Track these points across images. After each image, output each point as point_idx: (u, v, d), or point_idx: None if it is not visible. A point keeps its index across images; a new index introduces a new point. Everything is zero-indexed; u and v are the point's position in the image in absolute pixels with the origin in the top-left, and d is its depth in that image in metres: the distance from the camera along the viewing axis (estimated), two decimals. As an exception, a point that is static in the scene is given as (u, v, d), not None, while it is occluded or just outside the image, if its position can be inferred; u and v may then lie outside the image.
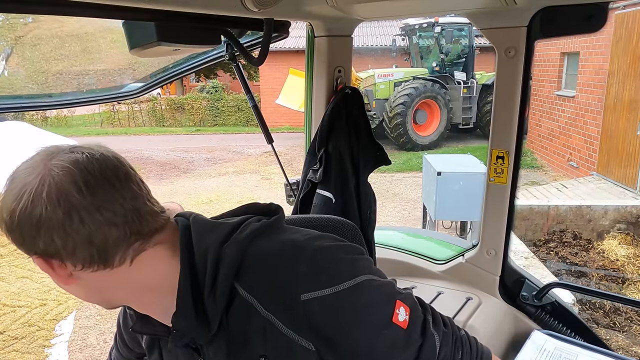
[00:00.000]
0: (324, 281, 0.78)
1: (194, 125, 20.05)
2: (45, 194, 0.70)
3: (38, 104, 1.71)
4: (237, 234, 0.82)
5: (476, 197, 1.80)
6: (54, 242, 0.72)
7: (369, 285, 0.82)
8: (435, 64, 13.98)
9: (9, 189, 0.73)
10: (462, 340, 0.94)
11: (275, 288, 0.78)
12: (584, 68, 9.59)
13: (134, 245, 0.77)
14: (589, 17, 1.35)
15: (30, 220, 0.71)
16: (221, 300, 0.78)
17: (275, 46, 12.11)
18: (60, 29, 1.84)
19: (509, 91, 1.55)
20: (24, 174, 0.73)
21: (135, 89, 1.72)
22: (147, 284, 0.80)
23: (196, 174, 11.80)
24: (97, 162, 0.74)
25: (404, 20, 14.17)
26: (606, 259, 5.96)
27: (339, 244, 0.86)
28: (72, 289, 0.80)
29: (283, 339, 0.78)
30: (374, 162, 1.85)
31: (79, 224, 0.71)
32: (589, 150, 9.32)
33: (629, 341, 4.47)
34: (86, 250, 0.73)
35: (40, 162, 0.74)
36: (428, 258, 2.01)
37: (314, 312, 0.77)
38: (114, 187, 0.74)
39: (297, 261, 0.80)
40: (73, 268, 0.75)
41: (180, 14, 1.17)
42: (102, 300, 0.84)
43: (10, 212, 0.72)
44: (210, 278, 0.78)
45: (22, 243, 0.74)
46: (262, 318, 0.78)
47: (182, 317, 0.79)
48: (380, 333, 0.80)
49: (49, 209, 0.70)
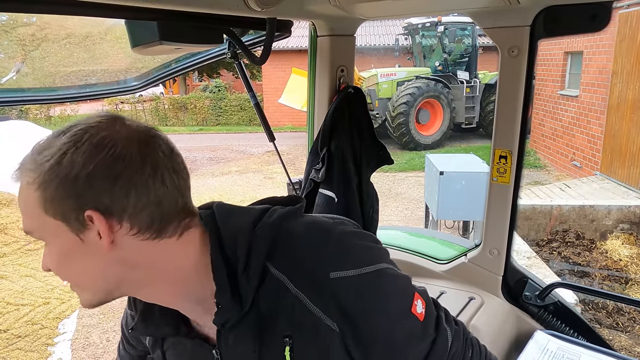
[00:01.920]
0: (350, 263, 0.80)
1: (196, 124, 20.09)
2: (136, 148, 0.71)
3: (40, 98, 1.72)
4: (267, 218, 0.84)
5: (479, 196, 1.80)
6: (126, 198, 0.70)
7: (389, 274, 0.84)
8: (438, 63, 13.96)
9: (79, 136, 0.70)
10: (473, 341, 0.97)
11: (305, 266, 0.80)
12: (588, 67, 9.57)
13: (185, 220, 0.78)
14: (593, 16, 1.34)
15: (110, 171, 0.69)
16: (254, 279, 0.79)
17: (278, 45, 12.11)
18: (68, 40, 1.87)
19: (512, 90, 1.54)
20: (103, 127, 0.72)
21: (137, 83, 1.73)
22: (183, 263, 0.80)
23: (199, 173, 11.82)
24: (166, 137, 0.78)
25: (407, 20, 14.16)
26: (609, 259, 5.94)
27: (360, 231, 0.89)
28: (97, 261, 0.74)
29: (310, 317, 0.79)
30: (376, 161, 1.85)
31: (161, 183, 0.72)
32: (592, 150, 9.30)
33: (632, 341, 4.46)
34: (152, 213, 0.73)
35: (114, 121, 0.74)
36: (430, 258, 2.01)
37: (340, 290, 0.79)
38: (181, 160, 0.78)
39: (325, 242, 0.82)
40: (126, 231, 0.72)
41: (182, 14, 1.17)
42: (119, 281, 0.78)
43: (85, 159, 0.68)
44: (244, 258, 0.79)
45: (79, 195, 0.69)
46: (291, 295, 0.80)
47: (222, 294, 0.79)
48: (399, 322, 0.82)
49: (138, 163, 0.70)
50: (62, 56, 1.97)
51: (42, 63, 2.01)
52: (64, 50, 1.94)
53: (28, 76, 2.06)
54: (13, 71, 2.00)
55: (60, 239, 0.73)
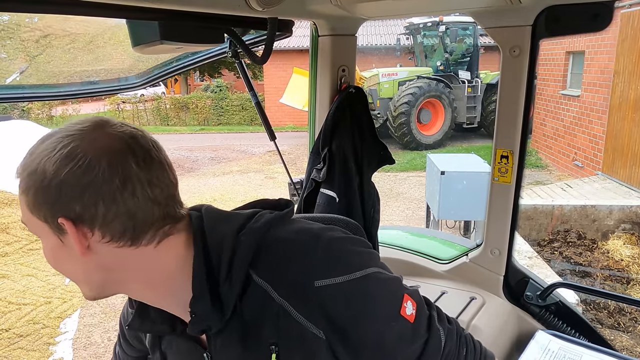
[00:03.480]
0: (337, 270, 0.80)
1: (198, 124, 20.09)
2: (106, 161, 0.71)
3: (41, 95, 1.72)
4: (252, 223, 0.83)
5: (480, 196, 1.79)
6: (94, 208, 0.71)
7: (377, 277, 0.83)
8: (440, 63, 13.94)
9: (55, 145, 0.72)
10: (467, 339, 0.95)
11: (290, 274, 0.79)
12: (589, 67, 9.55)
13: (164, 228, 0.78)
14: (595, 16, 1.34)
15: (78, 181, 0.70)
16: (236, 286, 0.79)
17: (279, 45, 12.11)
18: (72, 45, 1.88)
19: (513, 90, 1.54)
20: (78, 136, 0.73)
21: (138, 81, 1.73)
22: (164, 268, 0.80)
23: (200, 172, 11.83)
24: (151, 141, 0.78)
25: (408, 19, 14.14)
26: (611, 259, 5.93)
27: (349, 236, 0.88)
28: (79, 263, 0.77)
29: (295, 326, 0.79)
30: (377, 161, 1.85)
31: (130, 195, 0.72)
32: (594, 150, 9.28)
33: (633, 342, 4.45)
34: (124, 223, 0.73)
35: (93, 129, 0.74)
36: (432, 258, 2.01)
37: (326, 299, 0.78)
38: (163, 168, 0.77)
39: (312, 249, 0.81)
40: (99, 239, 0.74)
41: (183, 13, 1.17)
42: (103, 282, 0.80)
43: (56, 169, 0.70)
44: (226, 265, 0.79)
45: (52, 203, 0.71)
46: (275, 304, 0.79)
47: (199, 302, 0.79)
48: (388, 325, 0.81)
49: (105, 175, 0.70)
50: (67, 59, 1.98)
51: (46, 66, 2.02)
52: (67, 54, 1.95)
53: (32, 77, 2.06)
54: (17, 72, 2.01)
55: (48, 239, 0.76)
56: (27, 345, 4.62)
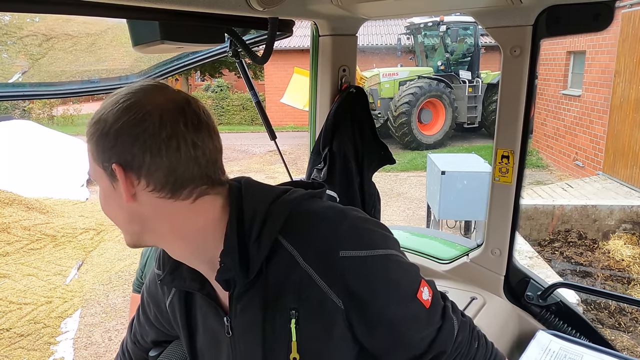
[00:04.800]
0: (362, 244, 0.84)
1: (198, 124, 20.07)
2: (158, 117, 0.79)
3: (42, 93, 1.72)
4: (286, 196, 0.89)
5: (480, 196, 1.79)
6: (142, 158, 0.78)
7: (398, 260, 0.88)
8: (441, 63, 13.94)
9: (118, 99, 0.80)
10: (479, 335, 0.99)
11: (317, 242, 0.84)
12: (590, 67, 9.54)
13: (201, 187, 0.84)
14: (596, 16, 1.34)
15: (131, 131, 0.78)
16: (264, 248, 0.84)
17: (280, 45, 12.12)
18: (74, 47, 1.89)
19: (514, 90, 1.54)
20: (140, 94, 0.81)
21: (138, 80, 1.73)
22: (197, 223, 0.86)
23: (201, 172, 11.80)
24: (204, 109, 0.85)
25: (409, 19, 14.14)
26: (611, 259, 5.93)
27: (375, 220, 0.93)
28: (124, 209, 0.84)
29: (317, 292, 0.83)
30: (378, 161, 1.85)
31: (174, 151, 0.79)
32: (595, 150, 9.27)
33: (634, 342, 4.45)
34: (166, 175, 0.80)
35: (153, 89, 0.83)
36: (432, 257, 2.01)
37: (349, 269, 0.82)
38: (209, 134, 0.84)
39: (339, 223, 0.86)
40: (144, 187, 0.81)
41: (184, 13, 1.17)
42: (141, 230, 0.87)
43: (115, 119, 0.79)
44: (257, 229, 0.84)
45: (109, 149, 0.79)
46: (300, 270, 0.83)
47: (228, 255, 0.84)
48: (405, 305, 0.86)
49: (155, 128, 0.78)
50: (69, 60, 2.00)
51: (48, 67, 2.03)
52: (70, 55, 1.96)
53: (34, 77, 2.07)
54: (19, 73, 2.02)
55: (103, 183, 0.84)
56: (28, 345, 4.63)
